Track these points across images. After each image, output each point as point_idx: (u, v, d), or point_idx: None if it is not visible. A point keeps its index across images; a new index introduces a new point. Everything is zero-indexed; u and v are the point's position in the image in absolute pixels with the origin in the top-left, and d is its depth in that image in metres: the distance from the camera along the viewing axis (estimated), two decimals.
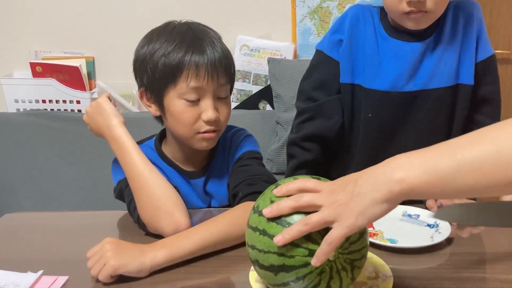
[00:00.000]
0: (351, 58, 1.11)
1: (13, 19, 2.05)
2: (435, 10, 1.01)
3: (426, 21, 1.03)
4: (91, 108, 1.02)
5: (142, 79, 1.01)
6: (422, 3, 0.98)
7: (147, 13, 2.00)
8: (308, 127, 1.14)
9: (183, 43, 0.96)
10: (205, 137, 0.99)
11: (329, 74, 1.13)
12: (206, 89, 0.97)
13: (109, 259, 0.80)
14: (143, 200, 0.94)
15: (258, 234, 0.68)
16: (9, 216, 1.11)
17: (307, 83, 1.17)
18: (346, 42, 1.11)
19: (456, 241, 0.90)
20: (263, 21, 2.00)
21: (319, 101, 1.14)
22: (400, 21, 1.05)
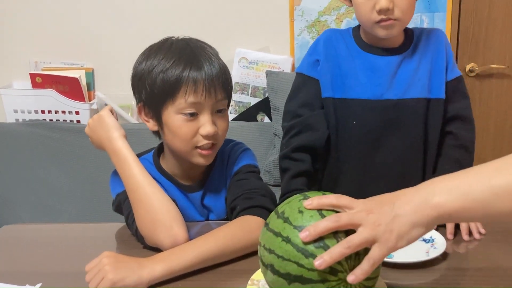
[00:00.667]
0: (329, 75, 1.20)
1: (14, 30, 2.06)
2: (402, 18, 1.11)
3: (395, 28, 1.13)
4: (93, 121, 1.03)
5: (140, 95, 1.02)
6: (390, 11, 1.09)
7: (146, 26, 2.02)
8: (297, 140, 1.19)
9: (181, 60, 0.98)
10: (203, 153, 1.00)
11: (311, 92, 1.21)
12: (204, 104, 0.98)
13: (107, 273, 0.80)
14: (141, 213, 0.95)
15: (281, 240, 0.68)
16: (8, 228, 1.12)
17: (292, 104, 1.24)
18: (322, 61, 1.21)
19: (452, 256, 0.91)
20: (262, 34, 2.02)
21: (305, 116, 1.20)
22: (372, 30, 1.14)
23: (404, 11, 1.11)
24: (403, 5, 1.10)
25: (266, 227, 0.73)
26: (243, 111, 2.00)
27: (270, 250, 0.69)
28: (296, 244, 0.66)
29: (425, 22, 1.98)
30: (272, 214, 0.74)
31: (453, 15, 1.97)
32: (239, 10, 2.01)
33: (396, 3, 1.09)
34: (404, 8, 1.10)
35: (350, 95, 1.19)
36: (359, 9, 1.14)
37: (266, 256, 0.70)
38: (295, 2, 1.99)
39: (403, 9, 1.10)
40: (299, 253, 0.66)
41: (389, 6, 1.08)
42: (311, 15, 2.00)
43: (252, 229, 0.92)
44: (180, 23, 2.02)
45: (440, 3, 1.96)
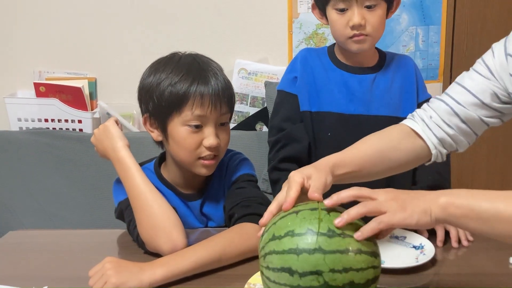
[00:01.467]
0: (305, 90, 1.29)
1: (18, 40, 2.11)
2: (373, 34, 1.21)
3: (367, 43, 1.22)
4: (98, 131, 1.07)
5: (147, 106, 1.06)
6: (362, 27, 1.19)
7: (148, 38, 2.07)
8: (283, 153, 1.28)
9: (189, 74, 1.02)
10: (205, 164, 1.04)
11: (291, 107, 1.30)
12: (209, 117, 1.02)
13: (110, 277, 0.84)
14: (143, 219, 0.99)
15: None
16: (13, 233, 1.15)
17: (275, 120, 1.33)
18: (299, 78, 1.30)
19: (440, 262, 0.95)
20: (261, 46, 2.07)
21: (287, 130, 1.29)
22: (345, 45, 1.23)
23: (375, 28, 1.20)
24: (374, 22, 1.19)
25: (274, 254, 0.70)
26: (242, 121, 2.04)
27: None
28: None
29: (420, 34, 2.03)
30: (269, 244, 0.72)
31: (447, 28, 2.02)
32: (239, 22, 2.06)
33: (368, 20, 1.19)
34: (375, 24, 1.20)
35: (325, 109, 1.28)
36: (334, 25, 1.22)
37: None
38: (294, 15, 2.04)
39: (374, 25, 1.20)
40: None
41: (361, 22, 1.18)
42: (309, 27, 2.04)
43: (250, 236, 0.96)
44: (181, 34, 2.07)
45: (434, 16, 2.01)
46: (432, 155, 0.97)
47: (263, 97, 2.03)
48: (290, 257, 0.68)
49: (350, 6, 1.19)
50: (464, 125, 0.95)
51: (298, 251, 0.68)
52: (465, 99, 0.94)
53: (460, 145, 0.98)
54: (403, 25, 2.03)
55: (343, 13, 1.19)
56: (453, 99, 0.95)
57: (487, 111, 0.93)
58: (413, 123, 0.98)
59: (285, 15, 2.04)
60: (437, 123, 0.96)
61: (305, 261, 0.68)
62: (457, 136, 0.96)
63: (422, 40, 2.03)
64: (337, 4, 1.19)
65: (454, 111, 0.95)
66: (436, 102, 0.98)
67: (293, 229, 0.70)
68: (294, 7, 2.03)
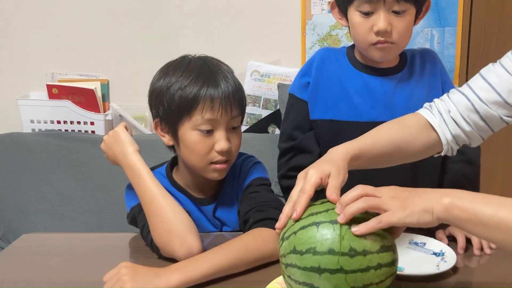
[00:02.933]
0: (319, 97, 1.20)
1: (31, 42, 2.11)
2: (399, 42, 1.10)
3: (391, 52, 1.12)
4: (108, 137, 1.06)
5: (157, 111, 1.05)
6: (388, 33, 1.08)
7: (160, 39, 2.06)
8: (292, 163, 1.22)
9: (199, 78, 1.01)
10: (217, 168, 1.03)
11: (301, 114, 1.22)
12: (219, 121, 1.01)
13: (126, 283, 0.83)
14: (156, 224, 0.97)
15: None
16: (27, 236, 1.15)
17: (286, 125, 1.26)
18: (313, 83, 1.21)
19: (462, 270, 0.92)
20: (274, 47, 2.06)
21: (298, 139, 1.22)
22: (367, 52, 1.14)
23: (402, 35, 1.09)
24: (401, 29, 1.08)
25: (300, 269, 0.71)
26: (254, 123, 2.03)
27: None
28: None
29: (435, 36, 2.00)
30: (290, 256, 0.72)
31: (463, 29, 1.99)
32: (252, 24, 2.05)
33: (395, 26, 1.08)
34: (402, 32, 1.09)
35: (343, 117, 1.18)
36: (355, 29, 1.12)
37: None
38: (307, 16, 2.02)
39: (401, 32, 1.09)
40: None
41: (387, 28, 1.07)
42: (323, 29, 2.03)
43: (266, 241, 0.94)
44: (194, 36, 2.06)
45: (450, 18, 1.98)
46: (443, 150, 0.96)
47: (275, 100, 2.02)
48: (312, 275, 0.70)
49: (376, 9, 1.07)
50: (482, 123, 0.93)
51: (320, 271, 0.70)
52: (488, 96, 0.91)
53: (474, 141, 0.96)
54: (418, 27, 2.00)
55: (367, 16, 1.08)
56: (476, 95, 0.92)
57: (508, 110, 0.91)
58: (430, 116, 0.96)
59: (298, 16, 2.03)
60: (454, 119, 0.94)
61: (327, 280, 0.70)
62: (473, 133, 0.94)
63: (438, 42, 2.00)
64: (362, 6, 1.08)
65: (474, 108, 0.92)
66: (457, 95, 0.95)
67: (315, 247, 0.71)
68: (308, 8, 2.01)
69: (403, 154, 0.96)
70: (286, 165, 1.24)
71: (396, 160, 0.97)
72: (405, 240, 1.01)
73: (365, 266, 0.69)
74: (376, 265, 0.70)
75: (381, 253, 0.70)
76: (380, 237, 0.71)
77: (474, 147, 1.03)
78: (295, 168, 1.21)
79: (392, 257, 0.72)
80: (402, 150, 0.95)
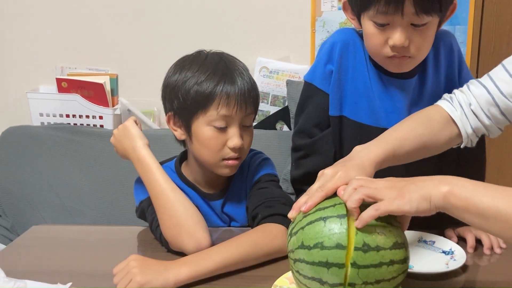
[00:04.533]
0: (340, 90, 1.07)
1: (42, 36, 2.12)
2: (417, 56, 0.98)
3: (409, 65, 1.00)
4: (118, 131, 1.06)
5: (172, 104, 1.05)
6: (405, 49, 0.95)
7: (169, 35, 2.06)
8: (306, 165, 1.12)
9: (216, 73, 1.01)
10: (229, 164, 1.03)
11: (321, 108, 1.09)
12: (234, 118, 1.01)
13: (135, 275, 0.84)
14: (165, 218, 0.98)
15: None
16: (36, 228, 1.16)
17: (304, 119, 1.13)
18: (335, 74, 1.06)
19: (471, 269, 0.92)
20: (283, 44, 2.05)
21: (313, 138, 1.11)
22: (382, 64, 1.03)
23: (421, 50, 0.97)
24: (420, 44, 0.95)
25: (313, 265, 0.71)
26: (262, 119, 2.03)
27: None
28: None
29: None
30: (299, 251, 0.73)
31: (474, 28, 1.98)
32: (261, 20, 2.04)
33: (413, 40, 0.94)
34: (421, 46, 0.96)
35: (363, 120, 1.07)
36: (369, 40, 0.99)
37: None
38: (317, 13, 2.02)
39: (420, 47, 0.96)
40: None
41: (404, 44, 0.93)
42: (332, 26, 2.02)
43: (274, 236, 0.95)
44: (203, 32, 2.06)
45: (461, 16, 1.97)
46: (463, 143, 0.97)
47: (284, 96, 2.02)
48: (320, 269, 0.70)
49: (392, 21, 0.92)
50: (502, 117, 0.93)
51: (328, 265, 0.70)
52: (509, 89, 0.90)
53: (493, 133, 0.97)
54: None
55: (382, 28, 0.94)
56: (497, 87, 0.92)
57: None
58: (451, 109, 0.95)
59: (308, 13, 2.02)
60: (475, 112, 0.94)
61: (336, 274, 0.69)
62: (492, 126, 0.95)
63: None
64: (376, 17, 0.93)
65: (495, 102, 0.92)
66: (478, 88, 0.94)
67: (322, 241, 0.70)
68: (318, 5, 2.01)
69: (427, 150, 0.96)
70: (298, 165, 1.14)
71: (419, 156, 0.96)
72: (415, 238, 1.00)
73: (378, 261, 0.69)
74: (388, 262, 0.70)
75: (394, 249, 0.70)
76: (393, 234, 0.71)
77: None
78: (311, 174, 1.05)
79: (404, 254, 0.72)
80: (427, 147, 0.94)
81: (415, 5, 0.88)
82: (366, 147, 0.88)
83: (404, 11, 0.89)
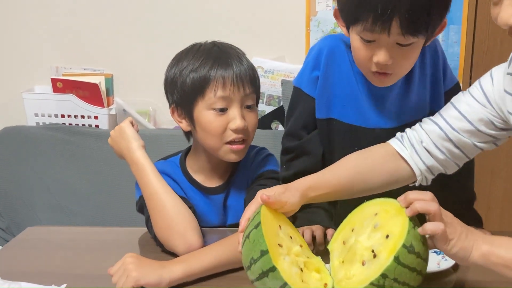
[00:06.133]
0: (326, 94, 1.10)
1: (36, 36, 2.12)
2: (399, 73, 1.00)
3: (391, 81, 1.02)
4: (114, 132, 1.08)
5: (173, 96, 1.07)
6: (388, 66, 0.96)
7: (164, 34, 2.06)
8: (296, 166, 1.13)
9: (209, 58, 1.02)
10: (234, 149, 1.04)
11: (308, 112, 1.12)
12: (233, 99, 1.02)
13: (131, 271, 0.85)
14: (157, 219, 0.99)
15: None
16: (32, 229, 1.16)
17: (292, 122, 1.16)
18: (321, 79, 1.09)
19: (463, 268, 0.93)
20: (278, 44, 2.05)
21: (301, 140, 1.14)
22: (367, 76, 1.04)
23: (403, 67, 0.98)
24: (404, 62, 0.96)
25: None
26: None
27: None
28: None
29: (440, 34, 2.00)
30: (248, 273, 0.76)
31: (468, 27, 1.99)
32: (256, 20, 2.05)
33: (396, 58, 0.94)
34: (404, 64, 0.97)
35: (352, 121, 1.09)
36: (355, 53, 1.00)
37: None
38: (312, 12, 2.02)
39: (403, 65, 0.98)
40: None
41: (388, 62, 0.94)
42: (327, 26, 2.02)
43: None
44: (198, 31, 2.06)
45: (455, 16, 1.98)
46: (417, 181, 0.96)
47: (279, 96, 2.02)
48: (264, 281, 0.74)
49: (378, 39, 0.92)
50: (457, 150, 0.94)
51: (265, 274, 0.73)
52: (460, 125, 0.92)
53: (450, 169, 0.97)
54: None
55: (368, 43, 0.95)
56: (448, 124, 0.93)
57: (481, 138, 0.92)
58: (400, 147, 0.96)
59: (302, 13, 2.02)
60: (427, 149, 0.94)
61: (275, 278, 0.72)
62: (448, 161, 0.95)
63: (442, 40, 2.00)
64: (363, 33, 0.93)
65: (447, 137, 0.93)
66: (429, 124, 0.95)
67: (252, 256, 0.75)
68: (312, 5, 2.01)
69: (368, 185, 0.94)
70: (288, 167, 1.16)
71: (362, 192, 0.94)
72: None
73: (413, 266, 0.72)
74: (419, 271, 0.74)
75: (425, 263, 0.75)
76: (427, 248, 0.76)
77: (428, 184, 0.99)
78: (301, 175, 1.08)
79: (425, 269, 0.76)
80: (365, 180, 0.94)
81: (401, 26, 0.88)
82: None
83: (391, 31, 0.89)
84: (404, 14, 0.86)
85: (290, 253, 0.78)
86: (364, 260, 0.76)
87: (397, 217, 0.76)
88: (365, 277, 0.73)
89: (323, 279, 0.79)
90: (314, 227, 1.05)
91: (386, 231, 0.76)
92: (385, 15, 0.87)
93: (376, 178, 0.94)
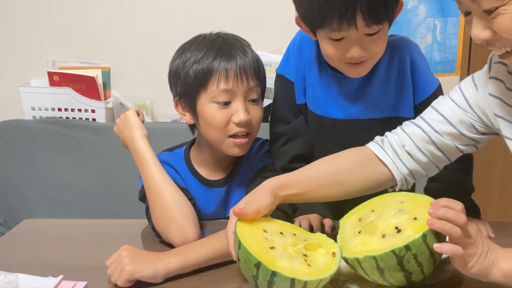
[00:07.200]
0: (300, 81, 1.11)
1: (33, 29, 2.11)
2: (374, 57, 1.00)
3: (367, 69, 1.02)
4: (120, 120, 1.07)
5: (176, 88, 1.06)
6: (362, 56, 0.97)
7: (161, 27, 2.05)
8: (291, 150, 1.12)
9: (213, 49, 1.01)
10: (237, 143, 1.02)
11: (290, 95, 1.12)
12: (236, 92, 1.00)
13: (126, 265, 0.84)
14: (156, 210, 0.99)
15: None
16: (28, 222, 1.16)
17: (277, 108, 1.16)
18: (296, 66, 1.11)
19: None
20: (276, 36, 2.04)
21: (291, 123, 1.13)
22: (341, 70, 1.03)
23: (377, 52, 0.99)
24: (376, 48, 0.97)
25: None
26: None
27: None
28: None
29: (438, 26, 2.00)
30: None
31: None
32: (253, 12, 2.04)
33: (368, 47, 0.95)
34: (376, 50, 0.98)
35: (312, 108, 1.11)
36: (326, 52, 0.99)
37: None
38: None
39: (376, 51, 0.98)
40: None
41: (361, 54, 0.95)
42: None
43: None
44: (195, 24, 2.04)
45: (453, 8, 1.97)
46: (397, 185, 0.95)
47: None
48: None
49: (347, 35, 0.93)
50: (439, 153, 0.93)
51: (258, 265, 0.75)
52: (443, 128, 0.92)
53: (430, 172, 0.97)
54: (420, 17, 1.99)
55: (338, 42, 0.95)
56: (431, 127, 0.93)
57: (464, 141, 0.93)
58: (381, 152, 0.94)
59: None
60: (410, 152, 0.93)
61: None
62: (430, 164, 0.94)
63: (440, 32, 2.00)
64: (331, 34, 0.93)
65: (431, 139, 0.92)
66: (411, 127, 0.94)
67: (252, 274, 0.76)
68: None
69: (343, 187, 0.92)
70: (284, 153, 1.13)
71: (338, 194, 0.93)
72: None
73: (433, 251, 0.74)
74: (434, 259, 0.76)
75: (439, 257, 0.78)
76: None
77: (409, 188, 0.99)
78: (297, 158, 1.12)
79: (436, 265, 0.79)
80: (340, 182, 0.92)
81: (364, 18, 0.91)
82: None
83: (357, 25, 0.91)
84: (365, 7, 0.89)
85: (287, 248, 0.78)
86: (385, 234, 0.77)
87: (426, 207, 0.76)
88: (387, 245, 0.74)
89: (330, 249, 0.79)
90: (311, 217, 1.05)
91: (414, 214, 0.78)
92: (349, 13, 0.89)
93: (351, 180, 0.93)
